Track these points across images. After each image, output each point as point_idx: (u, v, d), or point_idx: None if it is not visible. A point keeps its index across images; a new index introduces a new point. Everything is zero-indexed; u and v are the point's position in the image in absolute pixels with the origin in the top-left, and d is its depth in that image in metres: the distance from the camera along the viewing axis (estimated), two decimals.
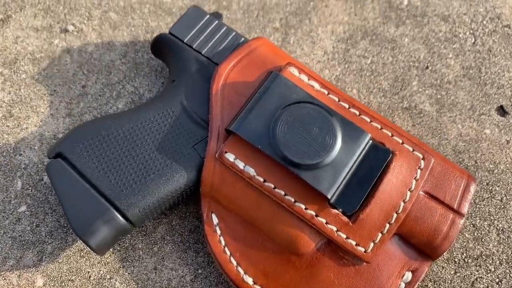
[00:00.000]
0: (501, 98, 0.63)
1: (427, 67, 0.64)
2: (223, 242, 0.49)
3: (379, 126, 0.51)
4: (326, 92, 0.51)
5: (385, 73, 0.63)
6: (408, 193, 0.48)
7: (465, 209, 0.49)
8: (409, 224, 0.48)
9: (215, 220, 0.49)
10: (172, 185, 0.48)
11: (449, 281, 0.54)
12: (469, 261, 0.55)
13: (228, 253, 0.49)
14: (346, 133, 0.48)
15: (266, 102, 0.48)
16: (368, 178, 0.48)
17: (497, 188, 0.58)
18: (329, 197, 0.46)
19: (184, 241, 0.53)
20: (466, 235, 0.56)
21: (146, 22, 0.64)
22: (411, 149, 0.50)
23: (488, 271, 0.54)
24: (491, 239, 0.56)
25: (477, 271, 0.54)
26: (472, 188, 0.50)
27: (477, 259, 0.55)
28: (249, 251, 0.49)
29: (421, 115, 0.61)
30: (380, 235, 0.47)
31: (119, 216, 0.47)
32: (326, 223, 0.47)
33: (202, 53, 0.54)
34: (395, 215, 0.47)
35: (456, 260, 0.55)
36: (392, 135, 0.50)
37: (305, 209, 0.47)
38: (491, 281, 0.54)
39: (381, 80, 0.63)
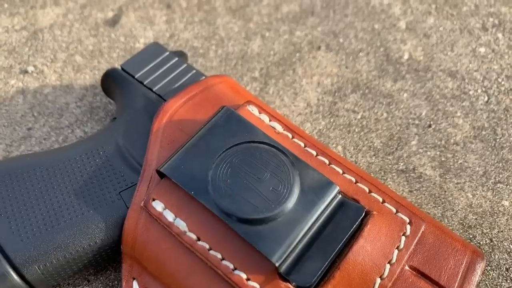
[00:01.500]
0: None
1: (429, 126, 0.54)
2: None
3: (353, 179, 0.40)
4: (290, 135, 0.42)
5: (378, 130, 0.53)
6: (388, 266, 0.36)
7: None
8: None
9: None
10: (85, 238, 0.38)
11: None
12: None
13: None
14: (307, 183, 0.38)
15: (211, 140, 0.39)
16: (333, 243, 0.36)
17: None
18: (276, 264, 0.34)
19: None
20: None
21: (112, 66, 0.58)
22: (394, 210, 0.39)
23: None
24: None
25: None
26: (479, 266, 0.37)
27: None
28: None
29: (421, 179, 0.50)
30: None
31: (12, 273, 0.36)
32: None
33: (153, 90, 0.46)
34: None
35: None
36: (370, 191, 0.39)
37: (247, 280, 0.35)
38: None
39: (372, 138, 0.53)
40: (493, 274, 0.45)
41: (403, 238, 0.37)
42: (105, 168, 0.41)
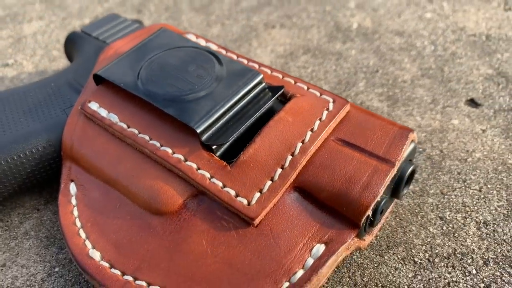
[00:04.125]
0: (470, 92, 0.52)
1: (376, 71, 0.56)
2: (75, 213, 0.38)
3: (280, 76, 0.42)
4: (224, 51, 0.45)
5: (327, 78, 0.55)
6: (309, 133, 0.37)
7: (395, 156, 0.35)
8: (313, 172, 0.35)
9: (72, 189, 0.39)
10: (28, 144, 0.40)
11: (406, 286, 0.36)
12: (436, 260, 0.37)
13: (79, 224, 0.37)
14: (232, 72, 0.40)
15: (144, 50, 0.43)
16: (251, 114, 0.37)
17: (472, 177, 0.43)
18: (197, 130, 0.35)
19: (50, 236, 0.42)
20: (431, 229, 0.40)
21: None
22: (318, 93, 0.40)
23: (467, 273, 0.36)
24: (469, 233, 0.39)
25: (449, 273, 0.37)
26: (408, 135, 0.37)
27: (448, 258, 0.38)
28: (103, 220, 0.37)
29: (368, 110, 0.51)
30: (269, 182, 0.34)
31: None
32: (198, 168, 0.35)
33: (107, 42, 0.51)
34: (289, 157, 0.35)
35: (415, 260, 0.38)
36: (296, 82, 0.41)
37: (172, 154, 0.36)
38: (472, 285, 0.36)
39: (321, 84, 0.55)
40: (445, 178, 0.44)
41: (325, 112, 0.38)
42: (54, 95, 0.45)
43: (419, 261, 0.38)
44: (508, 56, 0.56)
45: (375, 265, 0.38)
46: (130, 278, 0.33)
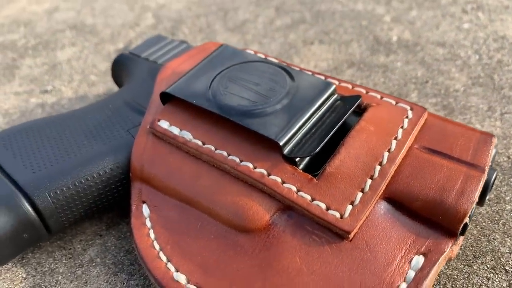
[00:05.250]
0: None
1: (426, 82, 0.55)
2: (152, 236, 0.36)
3: (350, 86, 0.41)
4: (286, 65, 0.44)
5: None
6: (394, 141, 0.36)
7: (484, 161, 0.35)
8: (403, 181, 0.34)
9: (146, 211, 0.38)
10: (94, 167, 0.39)
11: None
12: None
13: (158, 247, 0.36)
14: (303, 84, 0.39)
15: (210, 66, 0.42)
16: (332, 125, 0.36)
17: None
18: (280, 142, 0.34)
19: (117, 263, 0.40)
20: None
21: None
22: (394, 102, 0.39)
23: None
24: None
25: None
26: (491, 140, 0.36)
27: None
28: (184, 240, 0.35)
29: None
30: (360, 194, 0.33)
31: (24, 201, 0.37)
32: (283, 182, 0.34)
33: (158, 62, 0.50)
34: (378, 167, 0.34)
35: (507, 268, 0.36)
36: (368, 92, 0.40)
37: (254, 168, 0.35)
38: None
39: None
40: None
41: (406, 120, 0.37)
42: (113, 116, 0.44)
43: (511, 269, 0.36)
44: None
45: (465, 275, 0.36)
46: None
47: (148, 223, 0.37)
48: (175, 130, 0.39)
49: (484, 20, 0.65)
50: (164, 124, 0.39)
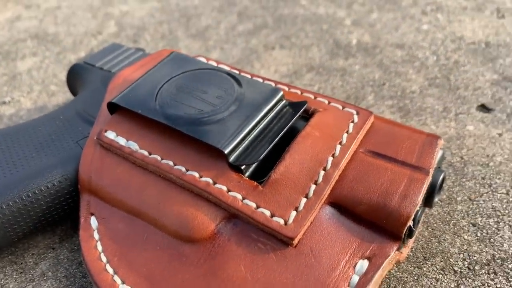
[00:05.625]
0: (480, 98, 0.52)
1: (383, 84, 0.56)
2: (100, 248, 0.36)
3: (299, 92, 0.41)
4: (237, 72, 0.44)
5: (334, 94, 0.55)
6: (338, 146, 0.36)
7: (428, 164, 0.35)
8: (348, 186, 0.34)
9: (94, 223, 0.37)
10: (42, 179, 0.38)
11: None
12: (476, 268, 0.36)
13: (105, 259, 0.35)
14: (251, 90, 0.39)
15: (158, 74, 0.42)
16: (277, 131, 0.36)
17: (497, 181, 0.43)
18: (225, 151, 0.34)
19: (69, 276, 0.40)
20: (465, 237, 0.39)
21: None
22: (340, 107, 0.39)
23: (510, 279, 0.35)
24: (504, 238, 0.38)
25: (492, 280, 0.36)
26: (437, 142, 0.36)
27: (488, 265, 0.37)
28: (131, 252, 0.35)
29: None
30: (304, 199, 0.33)
31: None
32: (228, 190, 0.34)
33: (112, 71, 0.50)
34: (322, 172, 0.34)
35: (455, 269, 0.37)
36: (316, 97, 0.40)
37: (200, 177, 0.35)
38: None
39: None
40: (470, 184, 0.43)
41: (351, 124, 0.37)
42: (64, 127, 0.43)
43: (459, 270, 0.36)
44: (510, 61, 0.57)
45: (415, 277, 0.36)
46: None
47: (96, 235, 0.37)
48: (122, 141, 0.38)
49: (443, 21, 0.66)
50: (110, 134, 0.39)
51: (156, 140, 0.38)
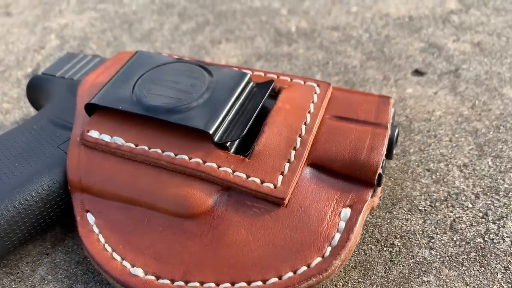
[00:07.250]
0: (413, 64, 0.59)
1: (327, 63, 0.61)
2: (102, 240, 0.38)
3: (262, 74, 0.45)
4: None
5: None
6: (308, 115, 0.40)
7: (385, 120, 0.40)
8: (322, 147, 0.39)
9: (91, 219, 0.39)
10: (31, 186, 0.39)
11: (421, 232, 0.40)
12: (437, 204, 0.42)
13: (110, 249, 0.37)
14: (221, 77, 0.42)
15: (129, 73, 0.44)
16: (253, 108, 0.40)
17: (441, 132, 0.49)
18: (210, 132, 0.38)
19: (70, 275, 0.41)
20: (423, 181, 0.44)
21: None
22: (302, 82, 0.44)
23: (465, 208, 0.42)
24: (455, 177, 0.45)
25: (451, 212, 0.42)
26: (389, 101, 0.42)
27: (446, 200, 0.43)
28: (134, 238, 0.37)
29: None
30: (287, 164, 0.37)
31: None
32: (218, 166, 0.37)
33: (74, 78, 0.51)
34: (298, 138, 0.38)
35: (420, 208, 0.42)
36: (279, 76, 0.45)
37: (189, 159, 0.38)
38: (473, 217, 0.41)
39: None
40: (418, 137, 0.49)
41: (315, 95, 0.42)
42: (40, 136, 0.44)
43: (423, 208, 0.42)
44: (432, 30, 0.64)
45: (388, 221, 0.42)
46: (181, 283, 0.34)
47: (96, 229, 0.38)
48: (106, 138, 0.40)
49: (369, 1, 0.73)
50: (94, 133, 0.41)
51: (140, 132, 0.40)
